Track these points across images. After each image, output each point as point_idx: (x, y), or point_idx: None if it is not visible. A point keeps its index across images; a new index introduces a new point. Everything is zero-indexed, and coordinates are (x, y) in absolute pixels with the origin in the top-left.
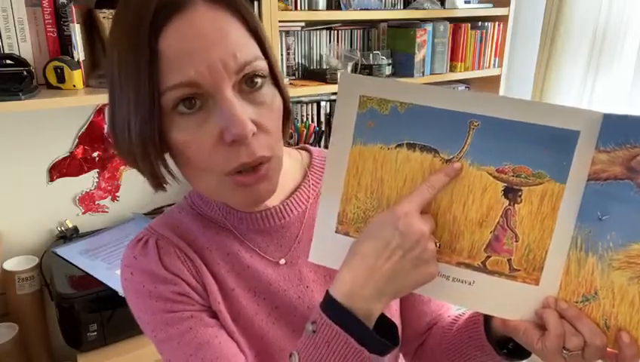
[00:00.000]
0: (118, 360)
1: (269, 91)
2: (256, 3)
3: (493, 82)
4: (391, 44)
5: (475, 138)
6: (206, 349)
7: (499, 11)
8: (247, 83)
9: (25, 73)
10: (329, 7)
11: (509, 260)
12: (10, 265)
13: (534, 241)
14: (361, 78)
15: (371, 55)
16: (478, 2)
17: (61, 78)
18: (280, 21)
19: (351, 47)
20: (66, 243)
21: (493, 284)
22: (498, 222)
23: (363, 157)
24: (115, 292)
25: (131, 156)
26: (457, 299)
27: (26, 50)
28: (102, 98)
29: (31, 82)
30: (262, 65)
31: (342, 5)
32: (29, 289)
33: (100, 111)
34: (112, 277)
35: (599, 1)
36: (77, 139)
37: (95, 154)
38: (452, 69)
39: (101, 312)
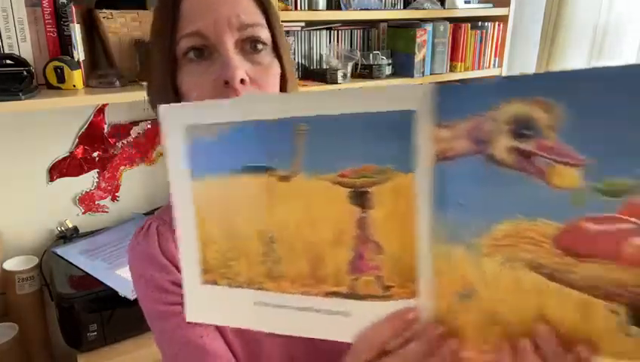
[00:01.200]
0: (118, 360)
1: (267, 56)
2: None
3: None
4: (391, 44)
5: (307, 144)
6: (191, 349)
7: (499, 11)
8: (249, 45)
9: (25, 73)
10: (329, 7)
11: (378, 278)
12: (10, 265)
13: (400, 248)
14: (183, 106)
15: (371, 55)
16: (478, 2)
17: (61, 78)
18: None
19: (351, 47)
20: (66, 243)
21: (370, 311)
22: (356, 236)
23: (207, 193)
24: (115, 292)
25: (154, 103)
26: (337, 333)
27: (26, 50)
28: (102, 98)
29: (31, 82)
30: (263, 33)
31: (342, 5)
32: (29, 289)
33: (99, 111)
34: (112, 277)
35: (599, 1)
36: (77, 139)
37: (95, 154)
38: (452, 69)
39: (101, 312)
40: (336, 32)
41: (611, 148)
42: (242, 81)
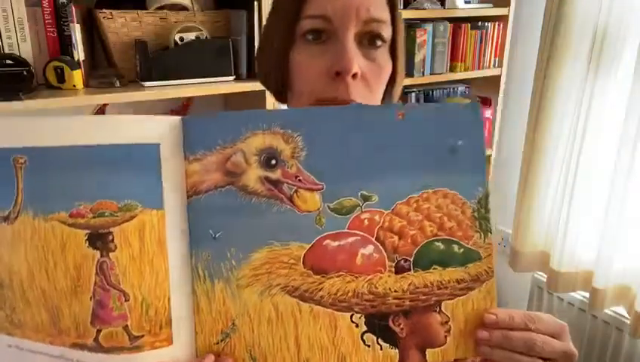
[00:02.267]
0: None
1: (383, 55)
2: (256, 4)
3: (493, 82)
4: None
5: (28, 180)
6: None
7: (499, 11)
8: (368, 40)
9: (25, 73)
10: None
11: (125, 328)
12: None
13: (150, 292)
14: None
15: None
16: (478, 2)
17: (61, 78)
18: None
19: None
20: None
21: None
22: (96, 283)
23: None
24: None
25: (267, 75)
26: None
27: (26, 50)
28: (102, 98)
29: (31, 82)
30: (386, 30)
31: None
32: None
33: (100, 111)
34: None
35: (599, 1)
36: None
37: None
38: (452, 69)
39: None
40: None
41: (339, 173)
42: (354, 75)
